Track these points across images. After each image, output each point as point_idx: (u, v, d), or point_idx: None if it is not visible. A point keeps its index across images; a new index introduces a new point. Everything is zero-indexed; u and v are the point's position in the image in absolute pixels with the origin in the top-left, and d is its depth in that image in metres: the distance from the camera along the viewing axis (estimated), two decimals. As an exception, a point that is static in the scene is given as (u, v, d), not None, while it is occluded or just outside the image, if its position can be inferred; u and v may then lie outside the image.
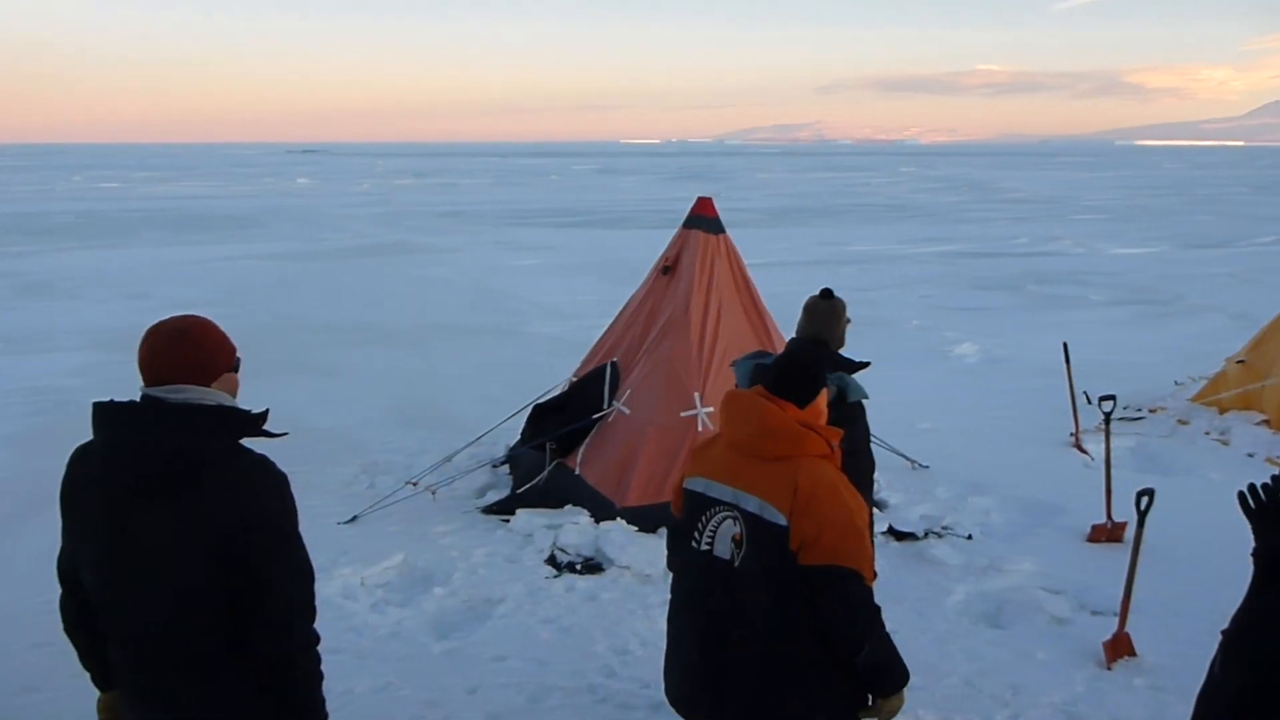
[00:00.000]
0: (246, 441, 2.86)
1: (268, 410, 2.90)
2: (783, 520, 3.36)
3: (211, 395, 2.86)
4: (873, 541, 4.73)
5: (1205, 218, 42.36)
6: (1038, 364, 13.39)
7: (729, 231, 8.55)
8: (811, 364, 3.67)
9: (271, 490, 2.80)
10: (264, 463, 2.82)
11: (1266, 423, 10.10)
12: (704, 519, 3.57)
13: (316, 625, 2.87)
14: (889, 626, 6.11)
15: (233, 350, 2.97)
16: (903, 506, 8.12)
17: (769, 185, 69.88)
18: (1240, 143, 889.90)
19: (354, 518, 7.81)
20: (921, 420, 10.79)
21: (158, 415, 2.79)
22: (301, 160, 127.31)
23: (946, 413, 11.25)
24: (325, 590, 6.48)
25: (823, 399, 3.65)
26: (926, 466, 9.16)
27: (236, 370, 2.98)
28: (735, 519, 3.47)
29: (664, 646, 3.83)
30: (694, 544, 3.60)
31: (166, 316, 2.93)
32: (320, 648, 2.86)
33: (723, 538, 3.50)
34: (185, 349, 2.86)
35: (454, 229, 35.54)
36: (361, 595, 6.63)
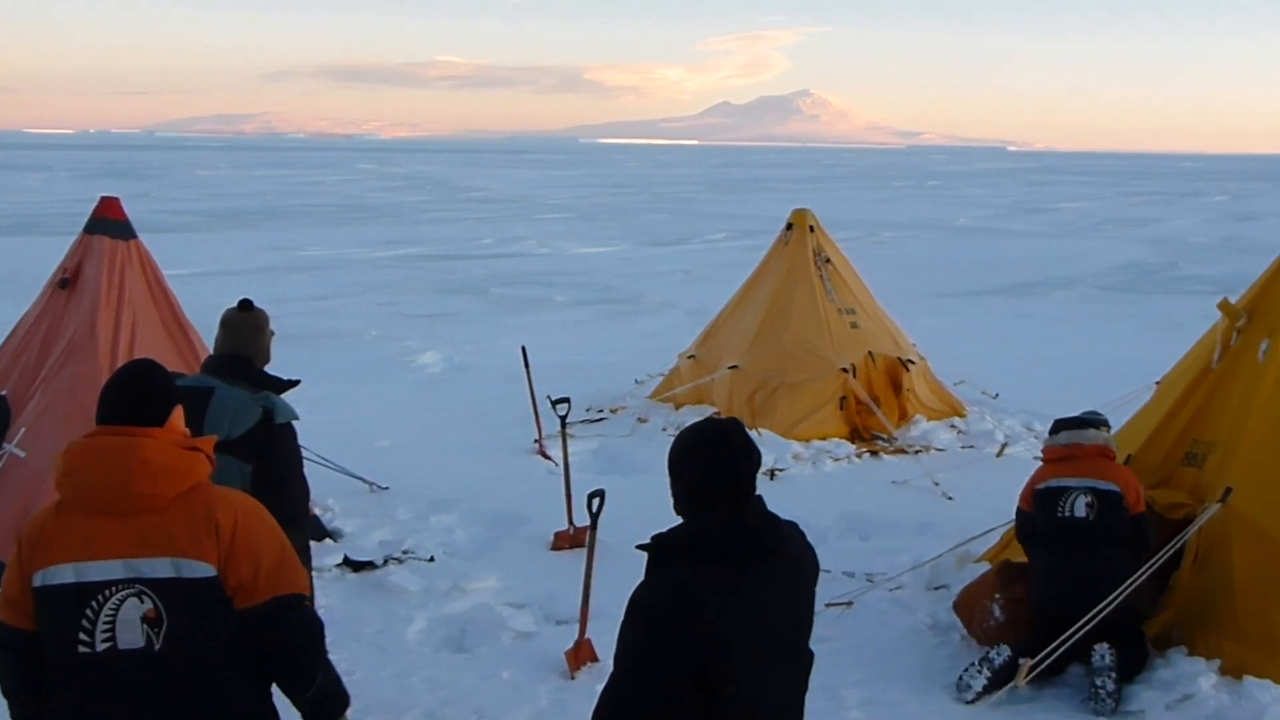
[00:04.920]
0: None
1: None
2: (211, 569, 3.15)
3: None
4: (310, 576, 4.69)
5: (663, 215, 46.54)
6: (503, 370, 13.91)
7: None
8: (149, 370, 3.41)
9: None
10: None
11: (717, 414, 11.29)
12: (89, 613, 3.12)
13: None
14: (345, 667, 6.12)
15: None
16: (359, 534, 8.13)
17: (210, 183, 67.19)
18: (695, 142, 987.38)
19: None
20: (381, 438, 10.88)
21: None
22: None
23: (408, 428, 11.44)
24: None
25: (179, 411, 3.41)
26: (386, 488, 9.24)
27: None
28: (140, 594, 3.12)
29: None
30: (83, 648, 3.12)
31: None
32: None
33: (127, 624, 3.11)
34: None
35: None
36: None
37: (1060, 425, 6.65)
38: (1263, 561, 6.15)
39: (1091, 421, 6.57)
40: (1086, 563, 6.12)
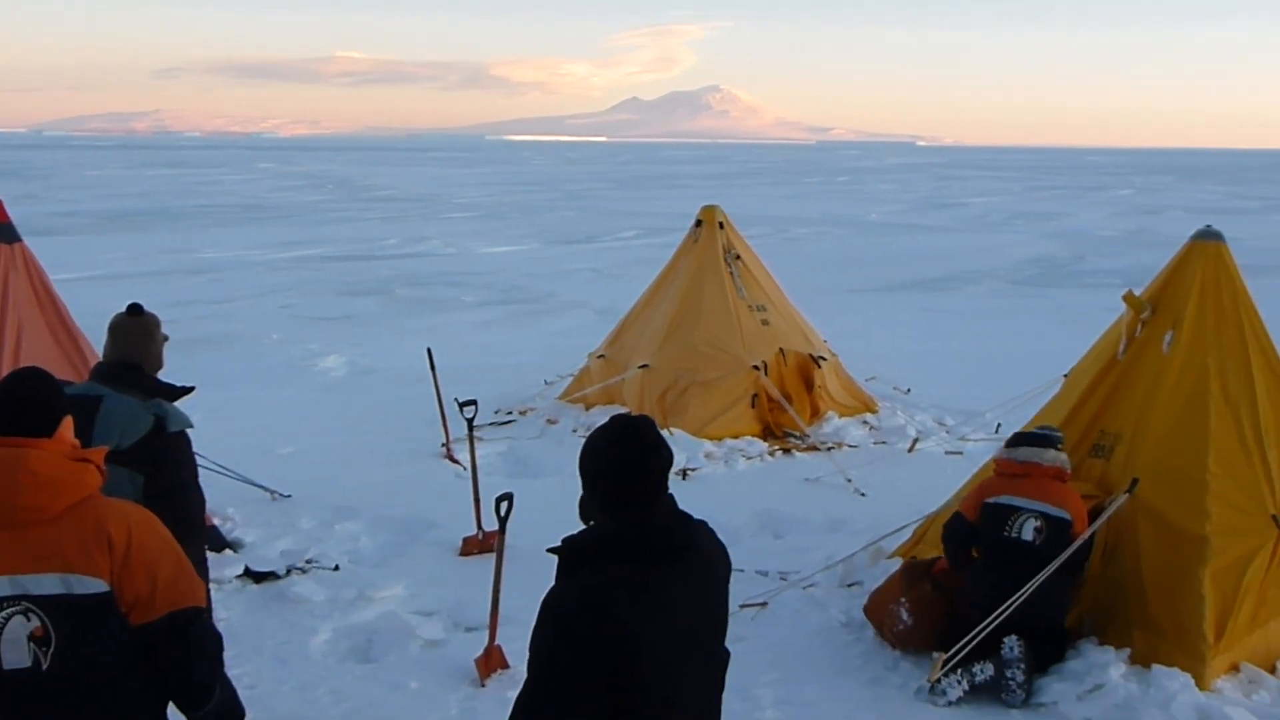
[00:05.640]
0: None
1: None
2: (103, 585, 3.09)
3: None
4: (208, 588, 4.62)
5: (571, 213, 46.53)
6: (408, 373, 13.83)
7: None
8: (36, 378, 3.33)
9: None
10: None
11: (627, 413, 11.32)
12: None
13: None
14: (247, 681, 6.05)
15: None
16: (261, 543, 8.02)
17: (101, 184, 65.73)
18: (603, 138, 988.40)
19: None
20: (283, 444, 10.74)
21: None
22: None
23: (311, 433, 11.30)
24: None
25: (69, 421, 3.34)
26: (288, 496, 9.12)
27: None
28: (27, 612, 3.05)
29: None
30: None
31: None
32: None
33: (13, 644, 3.05)
34: None
35: None
36: None
37: (1020, 440, 6.70)
38: (1169, 551, 6.33)
39: (1051, 440, 6.62)
40: (1026, 583, 6.16)
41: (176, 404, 4.62)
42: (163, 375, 4.82)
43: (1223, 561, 6.22)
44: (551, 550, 3.10)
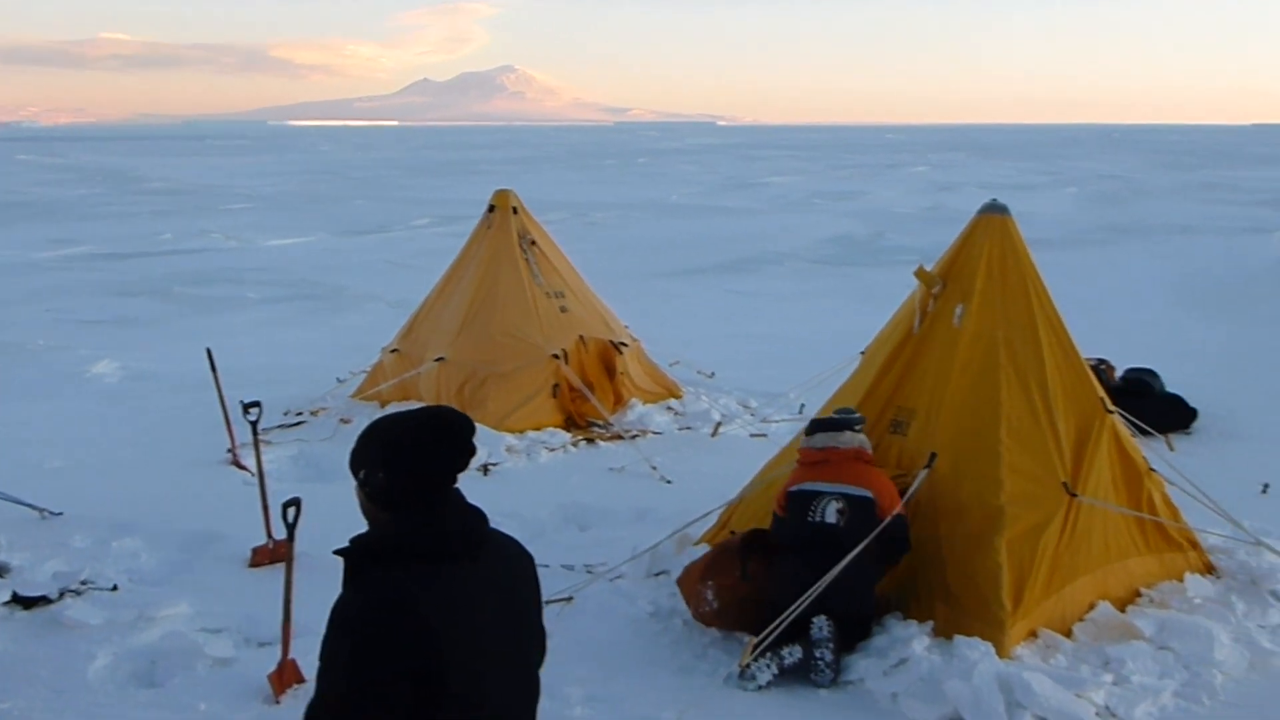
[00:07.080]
0: None
1: None
2: None
3: None
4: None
5: (362, 202, 45.74)
6: (189, 377, 13.35)
7: None
8: None
9: None
10: None
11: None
12: None
13: None
14: (17, 715, 5.82)
15: None
16: (29, 567, 7.69)
17: None
18: (394, 122, 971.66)
19: None
20: (52, 459, 10.35)
21: None
22: None
23: (83, 446, 10.87)
24: None
25: None
26: (59, 513, 8.77)
27: None
28: None
29: None
30: None
31: None
32: None
33: None
34: None
35: None
36: None
37: (816, 427, 6.88)
38: (966, 523, 6.63)
39: (847, 423, 6.82)
40: (832, 569, 6.30)
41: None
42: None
43: (1017, 530, 6.55)
44: (339, 552, 3.02)
